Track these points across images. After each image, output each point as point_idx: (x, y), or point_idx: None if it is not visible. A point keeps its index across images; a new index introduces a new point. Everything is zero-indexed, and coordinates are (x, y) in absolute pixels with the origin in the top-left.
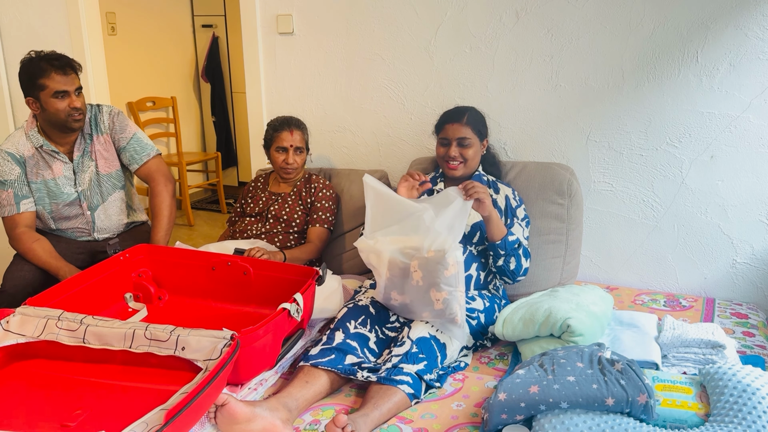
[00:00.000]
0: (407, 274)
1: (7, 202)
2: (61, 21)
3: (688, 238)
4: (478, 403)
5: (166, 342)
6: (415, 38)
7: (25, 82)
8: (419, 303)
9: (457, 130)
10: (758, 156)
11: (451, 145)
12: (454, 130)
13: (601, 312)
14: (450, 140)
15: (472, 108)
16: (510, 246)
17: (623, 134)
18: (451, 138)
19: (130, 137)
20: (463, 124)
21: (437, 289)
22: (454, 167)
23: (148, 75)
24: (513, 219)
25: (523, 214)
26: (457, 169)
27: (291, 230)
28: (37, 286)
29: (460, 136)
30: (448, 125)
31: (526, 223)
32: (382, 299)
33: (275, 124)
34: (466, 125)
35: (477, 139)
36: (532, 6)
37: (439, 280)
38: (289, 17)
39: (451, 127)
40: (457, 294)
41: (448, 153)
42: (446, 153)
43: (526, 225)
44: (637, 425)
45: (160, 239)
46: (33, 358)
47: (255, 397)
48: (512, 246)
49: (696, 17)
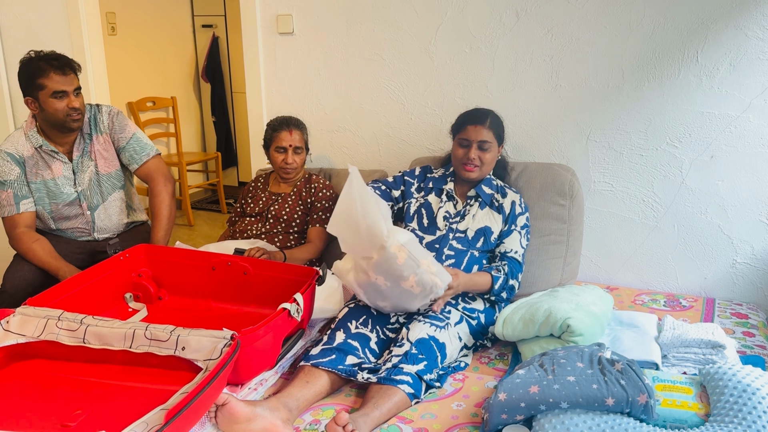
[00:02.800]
0: (374, 283)
1: (6, 202)
2: (61, 21)
3: (688, 238)
4: (478, 403)
5: (166, 342)
6: (415, 38)
7: (24, 82)
8: (403, 299)
9: (479, 133)
10: (758, 156)
11: (471, 147)
12: (476, 132)
13: (601, 312)
14: (471, 142)
15: (492, 111)
16: (498, 290)
17: (623, 134)
18: (473, 140)
19: (130, 137)
20: (486, 127)
21: (404, 279)
22: (471, 170)
23: (148, 75)
24: (512, 226)
25: (524, 222)
26: (474, 171)
27: (291, 230)
28: (37, 286)
29: (481, 139)
30: (470, 126)
31: (525, 232)
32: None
33: (274, 124)
34: (489, 129)
35: (496, 143)
36: (532, 6)
37: (399, 272)
38: (289, 17)
39: (473, 129)
40: (423, 268)
41: (467, 155)
42: (465, 155)
43: (526, 234)
44: (637, 425)
45: (160, 239)
46: (33, 358)
47: (255, 397)
48: (501, 288)
49: (696, 17)
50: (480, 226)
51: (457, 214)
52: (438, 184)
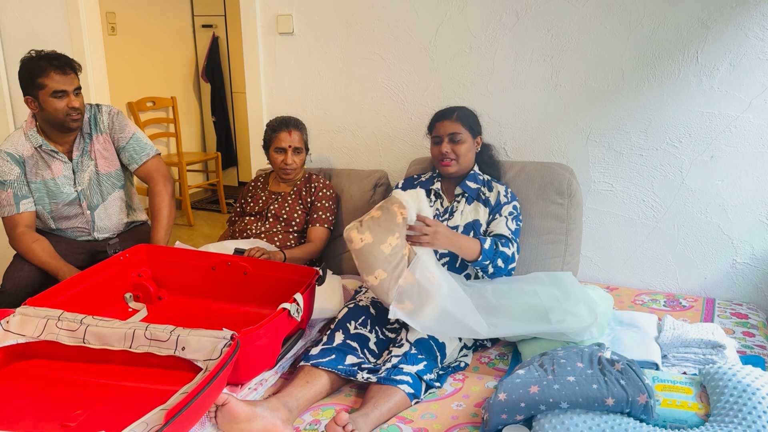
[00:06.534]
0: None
1: (6, 202)
2: (61, 21)
3: (688, 238)
4: (478, 403)
5: (166, 342)
6: (415, 38)
7: (24, 81)
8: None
9: (447, 127)
10: (758, 156)
11: (442, 142)
12: (444, 127)
13: (601, 312)
14: (441, 137)
15: (463, 106)
16: (489, 251)
17: (623, 134)
18: (443, 135)
19: (130, 137)
20: (453, 120)
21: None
22: (448, 164)
23: (148, 75)
24: (497, 215)
25: (510, 209)
26: (451, 165)
27: (291, 230)
28: (37, 286)
29: (451, 131)
30: (439, 123)
31: (513, 218)
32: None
33: (274, 124)
34: (456, 121)
35: (469, 135)
36: (532, 6)
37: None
38: (289, 17)
39: (441, 124)
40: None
41: (440, 150)
42: (439, 150)
43: (514, 219)
44: (637, 425)
45: (160, 239)
46: (33, 358)
47: (255, 396)
48: (491, 249)
49: (696, 17)
50: (468, 220)
51: (446, 212)
52: (425, 185)
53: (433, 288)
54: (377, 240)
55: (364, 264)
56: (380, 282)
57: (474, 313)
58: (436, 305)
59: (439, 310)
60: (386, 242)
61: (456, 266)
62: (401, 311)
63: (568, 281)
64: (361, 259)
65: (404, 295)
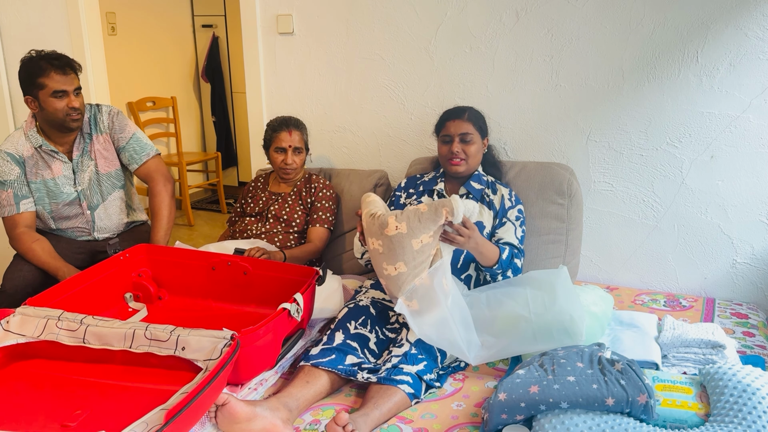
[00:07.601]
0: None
1: (6, 202)
2: (61, 21)
3: (688, 238)
4: (478, 403)
5: (166, 342)
6: (415, 38)
7: (24, 81)
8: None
9: (459, 126)
10: (758, 156)
11: (453, 142)
12: (456, 126)
13: (601, 312)
14: (452, 136)
15: (471, 107)
16: (506, 262)
17: (623, 134)
18: (453, 134)
19: (130, 137)
20: (465, 120)
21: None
22: (458, 163)
23: (148, 75)
24: (503, 219)
25: (516, 214)
26: (460, 165)
27: (291, 230)
28: (37, 286)
29: (462, 131)
30: (450, 122)
31: (520, 223)
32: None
33: (274, 124)
34: (468, 121)
35: (479, 135)
36: (532, 6)
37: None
38: (289, 17)
39: (452, 123)
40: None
41: (450, 149)
42: (449, 150)
43: (520, 224)
44: (637, 425)
45: (160, 239)
46: (33, 358)
47: (255, 396)
48: (508, 260)
49: (696, 17)
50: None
51: None
52: (429, 185)
53: (443, 296)
54: (411, 233)
55: (390, 252)
56: (398, 274)
57: (471, 332)
58: (439, 313)
59: (440, 319)
60: (418, 238)
61: (458, 267)
62: (407, 308)
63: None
64: (388, 246)
65: (415, 294)
